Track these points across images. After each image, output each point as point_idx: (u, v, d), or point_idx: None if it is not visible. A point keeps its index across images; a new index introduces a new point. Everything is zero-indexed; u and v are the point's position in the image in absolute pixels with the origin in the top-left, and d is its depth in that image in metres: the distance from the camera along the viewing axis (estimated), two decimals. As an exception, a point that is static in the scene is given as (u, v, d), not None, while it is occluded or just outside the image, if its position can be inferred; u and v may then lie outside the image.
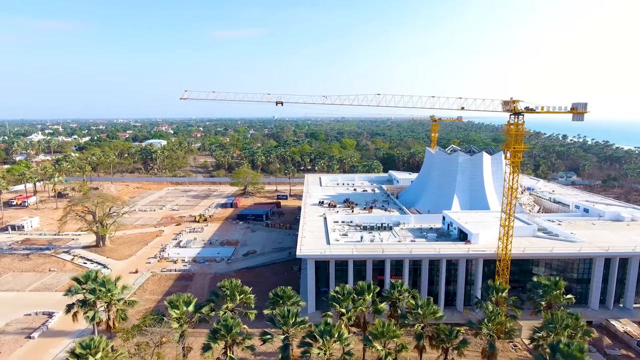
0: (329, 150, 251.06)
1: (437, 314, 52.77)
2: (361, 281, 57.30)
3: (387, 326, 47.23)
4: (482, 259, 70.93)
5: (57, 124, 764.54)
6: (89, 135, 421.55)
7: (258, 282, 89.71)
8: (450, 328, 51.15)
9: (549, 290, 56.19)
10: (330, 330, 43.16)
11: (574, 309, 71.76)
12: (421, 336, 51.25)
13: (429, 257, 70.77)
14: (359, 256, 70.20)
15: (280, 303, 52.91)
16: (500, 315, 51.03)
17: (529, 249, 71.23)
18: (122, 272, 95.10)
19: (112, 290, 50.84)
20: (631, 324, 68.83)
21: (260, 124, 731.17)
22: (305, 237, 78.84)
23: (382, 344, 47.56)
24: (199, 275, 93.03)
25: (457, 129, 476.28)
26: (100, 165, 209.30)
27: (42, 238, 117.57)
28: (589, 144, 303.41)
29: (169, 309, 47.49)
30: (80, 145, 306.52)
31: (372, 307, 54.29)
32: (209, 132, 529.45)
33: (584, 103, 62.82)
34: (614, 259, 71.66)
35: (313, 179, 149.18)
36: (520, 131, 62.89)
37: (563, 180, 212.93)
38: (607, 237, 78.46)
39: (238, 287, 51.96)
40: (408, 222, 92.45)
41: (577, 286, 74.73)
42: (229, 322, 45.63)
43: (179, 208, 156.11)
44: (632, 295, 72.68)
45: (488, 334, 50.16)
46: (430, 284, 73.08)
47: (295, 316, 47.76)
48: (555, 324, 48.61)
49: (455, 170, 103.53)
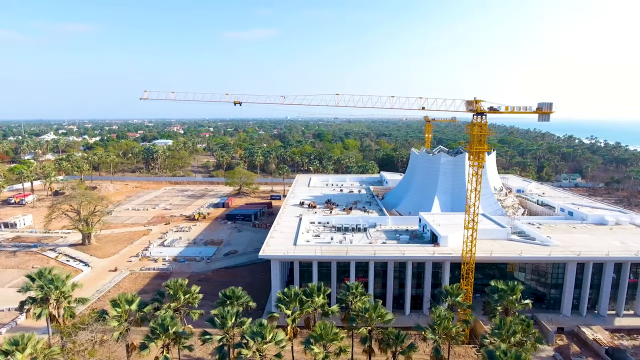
0: (330, 151, 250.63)
1: (386, 317, 51.86)
2: (312, 283, 56.71)
3: (325, 328, 46.61)
4: (449, 262, 69.58)
5: (73, 124, 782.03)
6: (100, 135, 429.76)
7: (233, 282, 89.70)
8: (397, 332, 50.30)
9: (505, 295, 54.68)
10: (262, 332, 42.77)
11: (547, 315, 70.76)
12: (366, 339, 50.49)
13: (394, 259, 69.78)
14: (323, 257, 69.62)
15: (227, 303, 52.89)
16: (447, 320, 49.85)
17: (496, 252, 69.60)
18: (102, 270, 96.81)
19: (61, 287, 51.38)
20: (603, 332, 66.57)
21: (271, 125, 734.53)
22: (273, 237, 78.62)
23: (323, 346, 46.99)
24: (176, 274, 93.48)
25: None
26: (102, 165, 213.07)
27: (32, 236, 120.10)
28: (599, 145, 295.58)
29: (109, 308, 47.84)
30: (88, 145, 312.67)
31: (321, 310, 53.67)
32: (219, 132, 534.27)
33: (549, 103, 61.14)
34: (587, 264, 69.51)
35: (303, 179, 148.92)
36: (483, 132, 61.49)
37: (567, 182, 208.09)
38: (584, 241, 76.19)
39: (182, 286, 52.00)
40: (385, 223, 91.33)
41: (552, 291, 72.88)
42: (166, 321, 45.69)
43: (172, 207, 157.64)
44: (606, 302, 70.36)
45: (433, 339, 49.07)
46: (400, 287, 72.12)
47: (236, 317, 47.53)
48: (502, 330, 47.29)
49: (437, 172, 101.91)
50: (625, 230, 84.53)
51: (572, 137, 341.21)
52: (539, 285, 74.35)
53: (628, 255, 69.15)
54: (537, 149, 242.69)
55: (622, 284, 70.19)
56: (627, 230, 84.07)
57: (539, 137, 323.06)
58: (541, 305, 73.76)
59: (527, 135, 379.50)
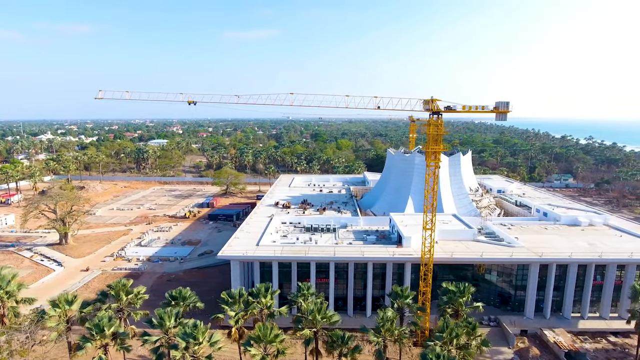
0: (323, 151, 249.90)
1: (332, 319, 51.37)
2: (263, 284, 56.17)
3: (264, 329, 46.14)
4: (410, 263, 68.84)
5: (75, 124, 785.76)
6: (98, 135, 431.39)
7: (202, 282, 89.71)
8: (343, 334, 49.78)
9: (454, 297, 53.96)
10: (193, 334, 42.34)
11: (510, 317, 69.88)
12: (309, 341, 50.00)
13: (354, 260, 69.10)
14: (283, 258, 69.10)
15: (173, 304, 52.57)
16: (390, 322, 49.22)
17: (457, 253, 68.84)
18: (74, 270, 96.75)
19: (5, 287, 51.24)
20: (565, 334, 65.67)
21: (271, 125, 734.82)
22: (237, 237, 78.28)
23: (262, 348, 46.52)
24: (146, 274, 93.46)
25: (464, 130, 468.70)
26: (93, 165, 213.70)
27: (12, 235, 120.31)
28: (593, 145, 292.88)
29: (49, 308, 47.60)
30: (83, 144, 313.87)
31: (267, 311, 53.18)
32: (217, 132, 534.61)
33: (505, 102, 60.42)
34: (550, 266, 68.58)
35: (286, 180, 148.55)
36: (439, 131, 60.81)
37: (558, 183, 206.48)
38: (551, 243, 75.31)
39: (125, 287, 51.70)
40: (357, 224, 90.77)
41: (517, 293, 72.02)
42: (103, 322, 45.41)
43: (157, 207, 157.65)
44: (570, 304, 69.36)
45: (376, 341, 48.47)
46: (364, 288, 71.45)
47: (175, 317, 47.16)
48: (444, 333, 46.63)
49: (412, 172, 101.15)
50: (597, 231, 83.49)
51: (565, 137, 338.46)
52: (504, 287, 73.51)
53: (592, 256, 68.22)
54: (529, 149, 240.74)
55: (586, 286, 69.18)
56: (599, 232, 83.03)
57: (533, 137, 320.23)
58: (506, 308, 73.05)
59: (523, 135, 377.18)
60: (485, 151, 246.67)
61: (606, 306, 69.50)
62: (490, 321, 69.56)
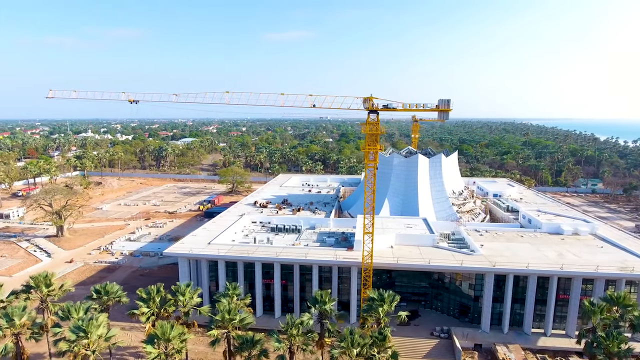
0: (343, 152, 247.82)
1: (245, 321, 50.51)
2: (184, 283, 56.16)
3: (163, 327, 45.98)
4: (357, 268, 66.36)
5: (120, 123, 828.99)
6: (134, 133, 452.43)
7: (173, 278, 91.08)
8: (252, 336, 48.86)
9: (376, 305, 51.28)
10: (83, 327, 42.94)
11: (465, 329, 65.74)
12: (216, 341, 49.38)
13: (298, 262, 67.63)
14: (228, 257, 68.88)
15: (95, 298, 53.76)
16: (296, 327, 47.52)
17: (403, 259, 65.53)
18: (60, 262, 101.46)
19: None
20: (519, 351, 60.72)
21: (305, 125, 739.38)
22: (195, 235, 78.94)
23: (163, 345, 46.40)
24: (122, 268, 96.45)
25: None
26: (115, 162, 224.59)
27: (19, 226, 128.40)
28: (631, 147, 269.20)
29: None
30: (116, 142, 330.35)
31: (184, 310, 53.08)
32: (250, 131, 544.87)
33: (446, 100, 56.93)
34: (508, 276, 63.76)
35: (282, 179, 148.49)
36: (375, 131, 58.20)
37: (585, 188, 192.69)
38: (515, 251, 70.13)
39: (48, 278, 53.36)
40: (326, 225, 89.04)
41: (475, 304, 67.76)
42: (14, 312, 47.14)
43: (161, 204, 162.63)
44: (530, 319, 64.21)
45: (278, 347, 47.00)
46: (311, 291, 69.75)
47: (86, 311, 48.08)
48: (345, 342, 44.45)
49: (390, 173, 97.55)
50: (578, 241, 76.78)
51: (609, 139, 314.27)
52: (463, 297, 69.33)
53: (552, 268, 62.69)
54: (555, 151, 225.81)
55: (549, 299, 63.68)
56: (581, 242, 76.30)
57: (562, 139, 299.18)
58: (465, 319, 68.87)
59: (560, 136, 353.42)
60: (509, 153, 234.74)
61: (572, 323, 63.62)
62: (442, 332, 65.74)
